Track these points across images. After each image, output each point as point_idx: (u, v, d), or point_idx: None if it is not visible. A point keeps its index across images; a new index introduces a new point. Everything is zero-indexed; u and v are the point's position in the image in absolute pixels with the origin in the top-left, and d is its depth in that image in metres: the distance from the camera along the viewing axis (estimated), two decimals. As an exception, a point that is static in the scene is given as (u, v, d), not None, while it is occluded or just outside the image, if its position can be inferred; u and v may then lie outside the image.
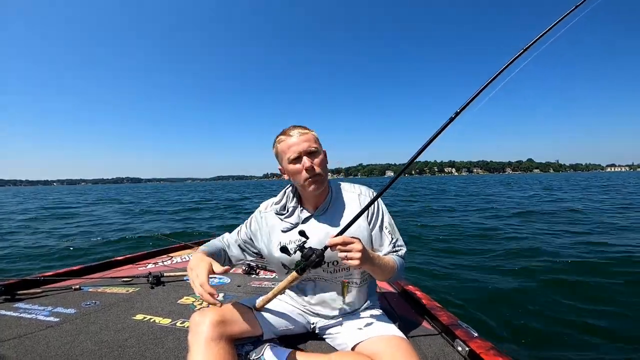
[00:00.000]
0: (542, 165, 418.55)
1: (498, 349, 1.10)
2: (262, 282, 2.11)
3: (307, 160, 1.11)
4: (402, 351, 0.97)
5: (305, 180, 1.13)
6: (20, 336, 1.27)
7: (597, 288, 3.06)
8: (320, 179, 1.14)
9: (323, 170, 1.16)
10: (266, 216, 1.28)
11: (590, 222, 6.91)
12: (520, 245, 4.90)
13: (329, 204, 1.22)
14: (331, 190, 1.25)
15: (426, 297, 1.64)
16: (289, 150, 1.13)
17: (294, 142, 1.12)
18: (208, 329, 0.97)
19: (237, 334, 1.05)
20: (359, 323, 1.17)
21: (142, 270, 2.36)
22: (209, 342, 0.95)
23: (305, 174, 1.12)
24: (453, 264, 4.09)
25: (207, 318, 0.99)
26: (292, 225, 1.21)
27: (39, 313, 1.52)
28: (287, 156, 1.13)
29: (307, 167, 1.11)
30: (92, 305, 1.64)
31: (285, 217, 1.23)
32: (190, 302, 1.71)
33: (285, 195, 1.28)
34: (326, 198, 1.22)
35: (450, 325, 1.30)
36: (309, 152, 1.13)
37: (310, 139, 1.14)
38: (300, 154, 1.12)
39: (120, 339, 1.27)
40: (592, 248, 4.56)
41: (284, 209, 1.25)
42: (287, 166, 1.15)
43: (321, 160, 1.16)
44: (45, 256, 5.32)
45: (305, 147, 1.12)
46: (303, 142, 1.12)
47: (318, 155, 1.15)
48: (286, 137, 1.15)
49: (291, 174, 1.16)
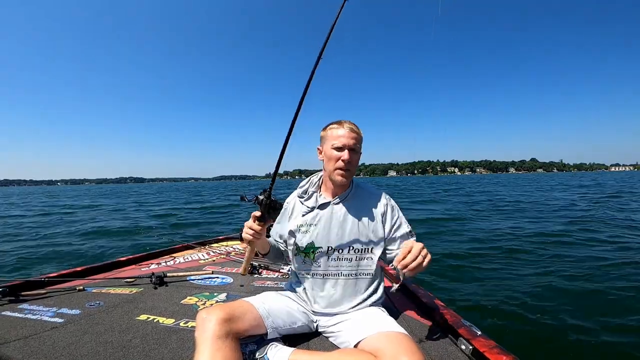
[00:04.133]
0: (546, 165, 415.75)
1: (502, 348, 1.09)
2: (265, 281, 2.11)
3: (347, 153, 1.24)
4: (404, 347, 0.97)
5: (337, 169, 1.25)
6: (25, 337, 1.28)
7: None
8: (350, 174, 1.27)
9: (354, 167, 1.28)
10: (291, 204, 1.41)
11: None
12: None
13: (348, 196, 1.33)
14: (352, 185, 1.36)
15: (429, 296, 1.64)
16: (337, 138, 1.25)
17: (343, 134, 1.25)
18: (215, 326, 0.98)
19: (243, 331, 1.07)
20: (361, 320, 1.18)
21: (145, 270, 2.37)
22: (215, 339, 0.96)
23: (340, 163, 1.24)
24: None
25: (214, 315, 1.01)
26: (309, 209, 1.33)
27: (44, 314, 1.53)
28: (332, 143, 1.26)
29: (345, 159, 1.23)
30: (96, 305, 1.65)
31: (305, 200, 1.36)
32: (194, 302, 1.71)
33: (309, 182, 1.41)
34: (345, 191, 1.34)
35: (454, 323, 1.29)
36: (352, 148, 1.25)
37: (357, 137, 1.27)
38: (344, 146, 1.24)
39: (125, 339, 1.28)
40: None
41: (306, 192, 1.38)
42: (328, 150, 1.28)
43: (357, 159, 1.29)
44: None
45: (352, 143, 1.25)
46: (351, 138, 1.25)
47: (357, 154, 1.28)
48: (339, 127, 1.27)
49: (328, 158, 1.28)
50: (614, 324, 2.37)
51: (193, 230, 7.99)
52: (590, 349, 2.09)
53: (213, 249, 3.16)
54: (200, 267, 2.46)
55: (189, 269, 2.42)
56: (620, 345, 2.11)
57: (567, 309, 2.63)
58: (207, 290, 1.93)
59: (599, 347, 2.10)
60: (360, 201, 1.33)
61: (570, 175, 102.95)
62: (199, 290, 1.92)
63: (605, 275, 3.42)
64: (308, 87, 1.28)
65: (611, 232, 5.82)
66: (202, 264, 2.59)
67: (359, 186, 1.39)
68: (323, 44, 1.34)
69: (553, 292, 2.99)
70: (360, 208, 1.31)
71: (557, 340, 2.20)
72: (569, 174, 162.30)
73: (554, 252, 4.48)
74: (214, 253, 3.00)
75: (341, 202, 1.32)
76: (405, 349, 0.96)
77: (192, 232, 7.79)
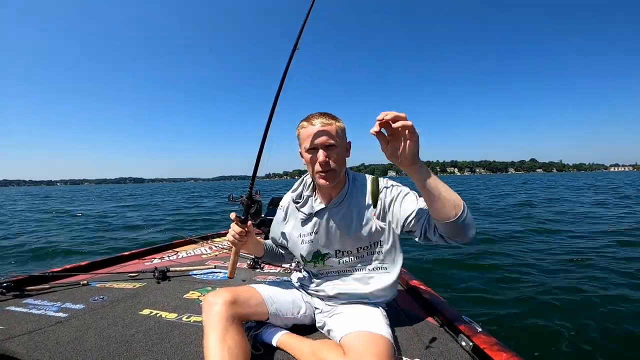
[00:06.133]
0: (545, 165, 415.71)
1: (502, 344, 1.09)
2: (267, 276, 2.13)
3: (322, 154, 1.08)
4: (373, 349, 0.93)
5: (317, 173, 1.12)
6: (30, 332, 1.28)
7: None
8: (333, 174, 1.12)
9: (338, 166, 1.12)
10: (285, 207, 1.34)
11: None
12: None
13: (345, 197, 1.19)
14: (348, 183, 1.21)
15: (430, 292, 1.64)
16: (307, 139, 1.10)
17: (313, 132, 1.09)
18: (222, 308, 1.00)
19: (247, 315, 1.08)
20: (354, 316, 1.15)
21: (148, 265, 2.38)
22: (223, 321, 0.97)
23: (317, 167, 1.10)
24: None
25: (221, 298, 1.03)
26: (305, 216, 1.24)
27: (48, 309, 1.54)
28: (304, 145, 1.12)
29: (321, 161, 1.08)
30: (99, 300, 1.66)
31: (300, 206, 1.26)
32: (196, 296, 1.72)
33: (302, 184, 1.29)
34: (341, 191, 1.19)
35: (454, 320, 1.29)
36: (327, 146, 1.09)
37: (332, 130, 1.10)
38: (316, 146, 1.09)
39: (128, 334, 1.28)
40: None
41: (300, 197, 1.27)
42: (303, 153, 1.16)
43: (338, 155, 1.12)
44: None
45: (324, 140, 1.08)
46: (323, 135, 1.08)
47: (336, 149, 1.11)
48: (308, 125, 1.11)
49: (306, 162, 1.16)
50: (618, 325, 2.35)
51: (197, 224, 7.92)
52: (591, 349, 2.08)
53: (215, 244, 3.17)
54: (203, 262, 2.47)
55: (191, 263, 2.43)
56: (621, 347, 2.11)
57: (571, 307, 2.63)
58: (210, 284, 1.94)
59: (601, 347, 2.08)
60: (357, 199, 1.20)
61: (571, 175, 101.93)
62: (202, 284, 1.94)
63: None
64: (283, 82, 1.16)
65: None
66: (204, 259, 2.61)
67: (356, 180, 1.23)
68: (297, 36, 1.23)
69: (558, 290, 2.98)
70: (359, 205, 1.19)
71: (559, 338, 2.19)
72: (569, 174, 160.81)
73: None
74: (216, 248, 3.01)
75: (338, 204, 1.19)
76: (372, 353, 0.91)
77: (195, 227, 7.78)
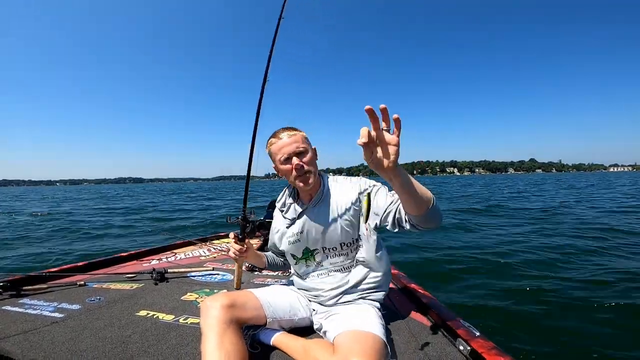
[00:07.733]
0: (545, 165, 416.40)
1: (500, 349, 1.09)
2: (266, 279, 2.12)
3: (296, 160, 1.21)
4: (360, 348, 0.94)
5: (295, 178, 1.23)
6: (25, 332, 1.28)
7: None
8: (309, 175, 1.24)
9: (312, 167, 1.25)
10: (275, 217, 1.44)
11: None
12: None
13: (322, 195, 1.30)
14: (323, 183, 1.33)
15: (428, 296, 1.64)
16: (280, 152, 1.22)
17: (283, 144, 1.22)
18: (219, 311, 1.02)
19: (245, 319, 1.10)
20: (348, 316, 1.16)
21: (146, 266, 2.37)
22: (221, 324, 0.99)
23: (295, 173, 1.22)
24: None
25: (218, 302, 1.05)
26: (290, 221, 1.34)
27: (44, 309, 1.53)
28: (278, 157, 1.23)
29: (296, 166, 1.21)
30: (96, 301, 1.65)
31: (285, 213, 1.37)
32: (194, 298, 1.71)
33: (284, 194, 1.42)
34: (318, 190, 1.32)
35: (452, 324, 1.28)
36: (298, 153, 1.22)
37: (298, 139, 1.23)
38: (289, 155, 1.22)
39: (124, 335, 1.28)
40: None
41: (284, 205, 1.38)
42: (279, 166, 1.26)
43: (310, 158, 1.25)
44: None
45: (294, 148, 1.21)
46: (292, 144, 1.21)
47: (306, 154, 1.24)
48: (276, 140, 1.24)
49: (283, 173, 1.27)
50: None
51: (195, 229, 7.96)
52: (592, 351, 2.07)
53: (214, 246, 3.16)
54: (201, 264, 2.46)
55: (189, 265, 2.42)
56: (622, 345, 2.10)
57: (570, 310, 2.62)
58: (208, 286, 1.93)
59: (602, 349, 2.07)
60: (335, 196, 1.29)
61: (571, 175, 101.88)
62: (200, 286, 1.93)
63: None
64: (261, 100, 1.35)
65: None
66: (202, 261, 2.60)
67: (332, 181, 1.35)
68: (266, 63, 1.49)
69: (554, 294, 2.96)
70: (336, 202, 1.27)
71: (556, 342, 2.18)
72: (570, 174, 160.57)
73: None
74: (214, 250, 3.00)
75: (318, 203, 1.29)
76: (359, 350, 0.92)
77: (194, 228, 7.79)
